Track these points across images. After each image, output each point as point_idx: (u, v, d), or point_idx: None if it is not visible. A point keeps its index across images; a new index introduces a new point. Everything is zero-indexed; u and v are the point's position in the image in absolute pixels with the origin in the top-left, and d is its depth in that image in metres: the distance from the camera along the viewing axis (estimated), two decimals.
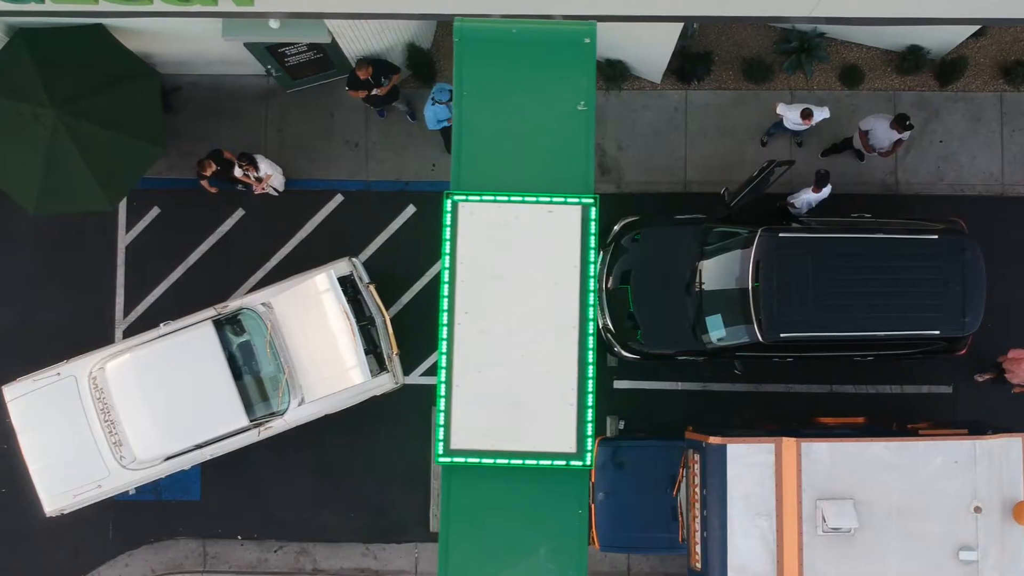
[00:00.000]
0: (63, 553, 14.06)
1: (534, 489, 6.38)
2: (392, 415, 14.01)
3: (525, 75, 6.65)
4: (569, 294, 6.18)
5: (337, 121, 14.37)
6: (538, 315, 6.15)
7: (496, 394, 6.10)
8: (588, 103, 6.59)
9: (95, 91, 11.98)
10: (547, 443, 6.12)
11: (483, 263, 6.18)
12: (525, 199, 6.38)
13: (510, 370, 6.12)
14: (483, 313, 6.15)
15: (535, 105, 6.62)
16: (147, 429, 12.57)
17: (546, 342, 6.14)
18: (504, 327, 6.13)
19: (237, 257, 14.27)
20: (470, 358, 6.13)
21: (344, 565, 14.05)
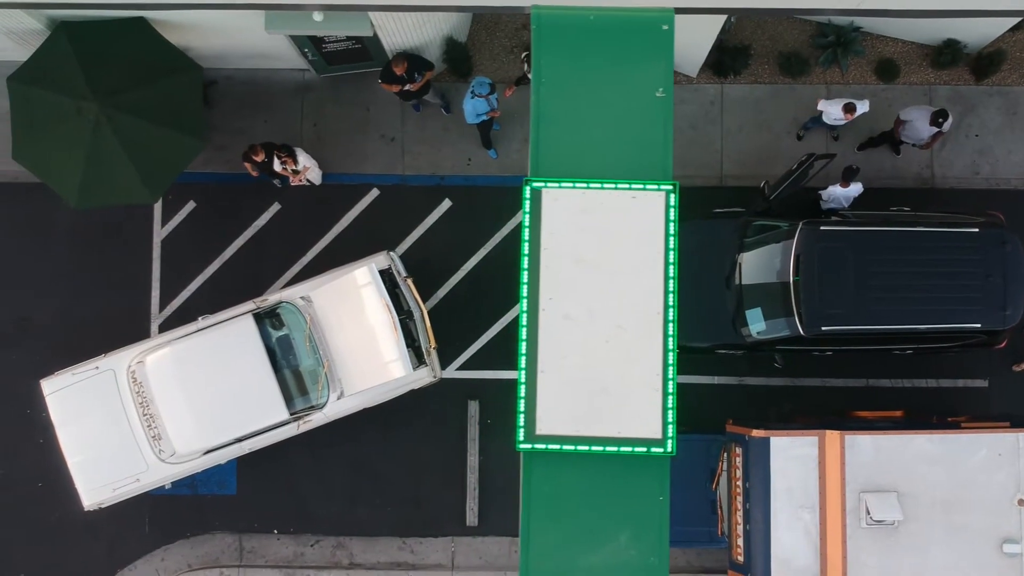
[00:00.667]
0: (100, 547, 14.05)
1: (615, 475, 6.38)
2: (428, 409, 14.01)
3: (602, 62, 6.65)
4: (654, 280, 6.17)
5: (373, 115, 14.37)
6: (623, 301, 6.14)
7: (581, 380, 6.10)
8: (666, 90, 6.59)
9: (137, 84, 11.95)
10: (632, 429, 6.12)
11: (567, 249, 6.17)
12: (604, 185, 6.37)
13: (595, 356, 6.12)
14: (567, 299, 6.14)
15: (613, 92, 6.62)
16: (187, 423, 12.54)
17: (631, 328, 6.14)
18: (588, 313, 6.12)
19: (273, 251, 14.26)
20: (555, 344, 6.12)
21: (380, 559, 14.05)
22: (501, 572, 13.97)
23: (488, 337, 14.24)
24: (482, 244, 14.29)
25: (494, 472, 14.01)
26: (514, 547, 14.00)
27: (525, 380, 6.43)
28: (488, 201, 14.29)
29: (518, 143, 14.32)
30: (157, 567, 14.08)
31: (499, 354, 14.18)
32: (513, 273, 13.89)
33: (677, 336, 6.24)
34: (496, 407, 14.10)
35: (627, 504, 6.35)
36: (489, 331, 14.24)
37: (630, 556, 6.28)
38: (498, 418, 14.10)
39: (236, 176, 14.13)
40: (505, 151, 14.32)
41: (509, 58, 14.36)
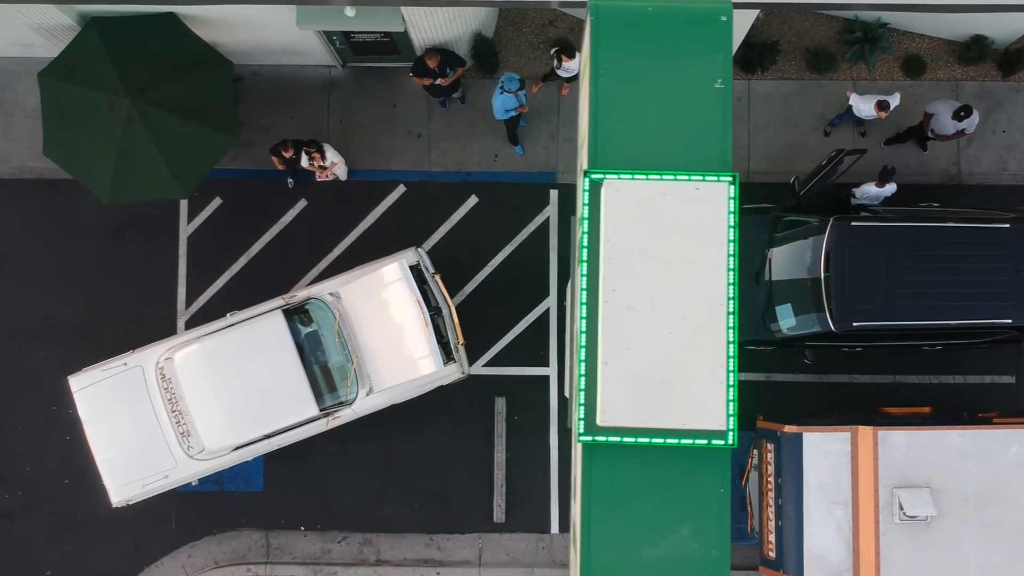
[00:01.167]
0: (126, 544, 14.03)
1: (675, 467, 6.36)
2: (455, 406, 13.99)
3: (660, 53, 6.64)
4: (717, 271, 6.16)
5: (399, 112, 14.35)
6: (686, 292, 6.13)
7: (645, 371, 6.08)
8: (725, 81, 6.58)
9: (168, 80, 11.93)
10: (697, 421, 6.10)
11: (630, 240, 6.15)
12: (663, 176, 6.36)
13: (659, 347, 6.10)
14: (631, 290, 6.12)
15: (671, 83, 6.60)
16: (216, 419, 12.50)
17: (694, 319, 6.12)
18: (651, 304, 6.10)
19: (299, 248, 14.25)
20: (618, 335, 6.09)
21: (407, 556, 14.03)
22: (528, 569, 13.96)
23: (515, 333, 14.22)
24: (509, 240, 14.27)
25: (521, 469, 14.00)
26: (541, 544, 14.00)
27: (585, 372, 6.40)
28: (515, 197, 14.28)
29: (544, 139, 14.31)
30: (183, 564, 14.06)
31: (526, 350, 14.17)
32: (540, 269, 14.12)
33: (738, 328, 6.23)
34: (523, 404, 14.09)
35: (688, 496, 6.33)
36: (516, 327, 14.22)
37: (692, 549, 6.26)
38: (525, 415, 14.08)
39: (262, 172, 14.13)
40: (532, 147, 14.30)
41: (535, 54, 14.35)
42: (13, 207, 14.27)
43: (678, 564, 6.33)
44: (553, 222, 14.27)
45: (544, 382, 14.15)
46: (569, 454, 13.83)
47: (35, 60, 14.13)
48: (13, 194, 14.28)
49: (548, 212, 14.29)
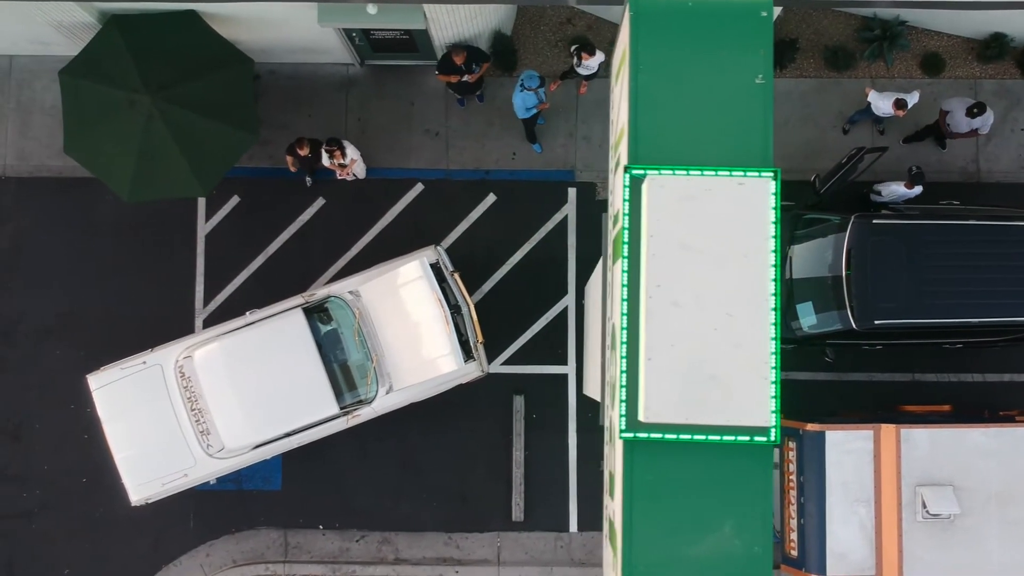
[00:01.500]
0: (144, 543, 14.01)
1: (717, 464, 6.34)
2: (473, 404, 13.97)
3: (700, 48, 6.62)
4: (761, 267, 6.14)
5: (417, 110, 14.33)
6: (731, 288, 6.11)
7: (690, 367, 6.05)
8: (766, 76, 6.57)
9: (189, 77, 11.91)
10: (741, 417, 6.08)
11: (674, 236, 6.13)
12: (704, 172, 6.34)
13: (703, 343, 6.08)
14: (675, 286, 6.10)
15: (711, 79, 6.59)
16: (236, 417, 12.47)
17: (739, 315, 6.10)
18: (696, 300, 6.08)
19: (317, 246, 14.22)
20: (662, 331, 6.07)
21: (426, 554, 14.01)
22: (547, 567, 13.94)
23: (533, 332, 14.20)
24: (527, 239, 14.25)
25: (540, 467, 13.98)
26: (560, 542, 13.98)
27: (626, 368, 6.38)
28: (533, 196, 14.26)
29: (563, 137, 14.29)
30: (202, 563, 14.04)
31: (544, 349, 14.15)
32: (558, 267, 14.09)
33: (780, 324, 6.21)
34: (541, 402, 14.06)
35: (730, 493, 6.31)
36: (534, 326, 14.20)
37: (734, 546, 6.24)
38: (543, 413, 14.06)
39: (280, 171, 14.10)
40: (550, 145, 14.28)
41: (553, 52, 14.33)
42: (31, 205, 14.25)
43: (720, 561, 6.31)
44: (571, 220, 14.25)
45: (562, 380, 14.13)
46: (589, 451, 13.82)
47: (53, 58, 14.16)
48: (31, 192, 14.26)
49: (566, 210, 14.28)
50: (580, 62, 12.88)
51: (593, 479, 13.93)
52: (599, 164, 14.25)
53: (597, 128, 14.25)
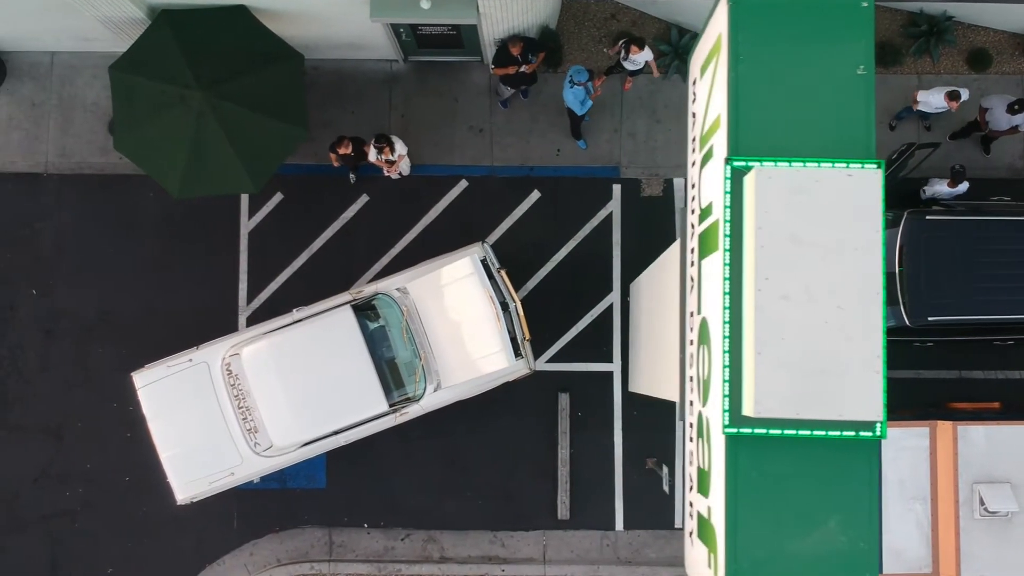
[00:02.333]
0: (187, 542, 13.93)
1: (822, 459, 6.28)
2: (518, 402, 13.89)
3: (800, 39, 6.55)
4: (871, 259, 6.07)
5: (461, 106, 14.25)
6: (841, 281, 6.03)
7: (800, 361, 5.98)
8: (867, 67, 6.50)
9: (240, 73, 11.82)
10: (852, 412, 6.01)
11: (782, 228, 6.05)
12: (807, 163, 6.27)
13: (814, 337, 6.01)
14: (784, 279, 6.02)
15: (812, 69, 6.52)
16: (285, 415, 12.38)
17: (850, 308, 6.03)
18: (807, 293, 6.01)
19: (361, 244, 14.14)
20: (772, 325, 6.00)
21: (471, 553, 13.93)
22: (593, 566, 13.86)
23: (578, 329, 14.13)
24: (572, 235, 14.18)
25: (585, 465, 13.91)
26: (606, 541, 13.90)
27: (729, 363, 6.31)
28: (577, 192, 14.19)
29: (608, 133, 14.21)
30: (245, 562, 13.96)
31: (589, 346, 14.07)
32: (603, 264, 14.02)
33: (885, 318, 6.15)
34: (587, 400, 13.99)
35: (836, 488, 6.25)
36: (579, 323, 14.13)
37: (840, 542, 6.17)
38: (589, 411, 13.98)
39: (324, 168, 14.03)
40: (595, 142, 14.21)
41: (597, 48, 14.26)
42: (73, 203, 14.17)
43: (826, 557, 6.24)
44: (616, 217, 14.18)
45: (608, 378, 14.06)
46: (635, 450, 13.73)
47: (95, 55, 14.11)
48: (73, 189, 14.18)
49: (611, 207, 14.20)
50: (627, 55, 12.80)
51: (639, 477, 13.87)
52: (644, 160, 14.18)
53: (641, 124, 14.18)
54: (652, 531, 13.87)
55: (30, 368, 14.04)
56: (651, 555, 13.87)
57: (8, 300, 14.09)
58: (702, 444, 7.17)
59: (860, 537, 6.20)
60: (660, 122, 14.15)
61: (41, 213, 14.15)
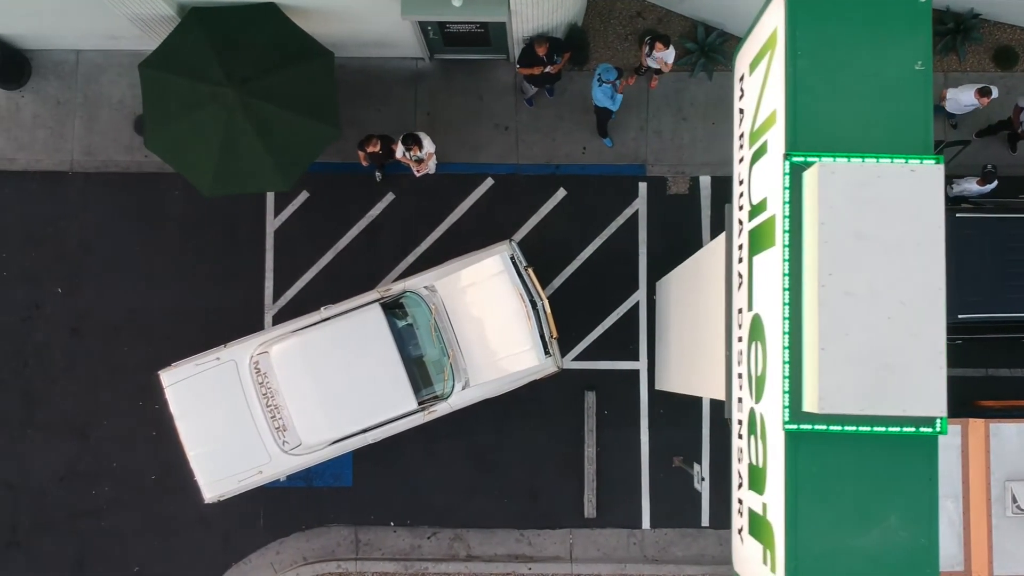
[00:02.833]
0: (213, 540, 13.91)
1: (882, 455, 6.28)
2: (544, 400, 13.89)
3: (858, 34, 6.55)
4: (934, 256, 6.06)
5: (486, 104, 14.24)
6: (904, 276, 6.03)
7: (864, 357, 5.98)
8: (925, 63, 6.50)
9: (271, 71, 11.78)
10: (915, 407, 6.01)
11: (845, 224, 6.05)
12: (865, 159, 6.26)
13: (878, 332, 6.00)
14: (847, 275, 6.02)
15: (869, 65, 6.51)
16: (314, 413, 12.36)
17: (913, 304, 6.02)
18: (869, 289, 6.01)
19: (387, 242, 14.13)
20: (836, 320, 5.99)
21: (498, 551, 13.92)
22: (620, 564, 13.85)
23: (604, 327, 14.12)
24: (597, 234, 14.17)
25: (612, 464, 13.90)
26: (633, 539, 13.89)
27: (789, 359, 6.30)
28: (603, 190, 14.18)
29: (634, 132, 14.20)
30: (272, 560, 13.95)
31: (615, 345, 14.06)
32: (629, 262, 14.00)
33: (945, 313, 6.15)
34: (613, 398, 13.98)
35: (896, 484, 6.25)
36: (605, 321, 14.12)
37: (900, 538, 6.17)
38: (615, 409, 13.97)
39: (349, 166, 14.01)
40: (621, 140, 14.20)
41: (623, 46, 14.24)
42: (99, 201, 14.15)
43: (886, 552, 6.24)
44: (642, 215, 14.17)
45: (634, 376, 14.05)
46: (662, 448, 13.72)
47: (121, 53, 14.10)
48: (98, 188, 14.17)
49: (637, 205, 14.19)
50: (652, 52, 12.80)
51: (666, 476, 13.86)
52: (670, 158, 14.17)
53: (667, 122, 14.17)
54: (679, 529, 13.87)
55: (56, 367, 14.03)
56: (678, 553, 13.87)
57: (34, 299, 14.07)
58: (755, 441, 7.16)
59: (921, 533, 6.20)
60: (686, 120, 14.14)
61: (66, 212, 14.14)
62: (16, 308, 14.05)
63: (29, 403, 13.98)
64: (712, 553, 13.81)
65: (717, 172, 14.10)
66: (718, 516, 13.80)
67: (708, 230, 14.07)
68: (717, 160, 14.09)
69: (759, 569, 6.93)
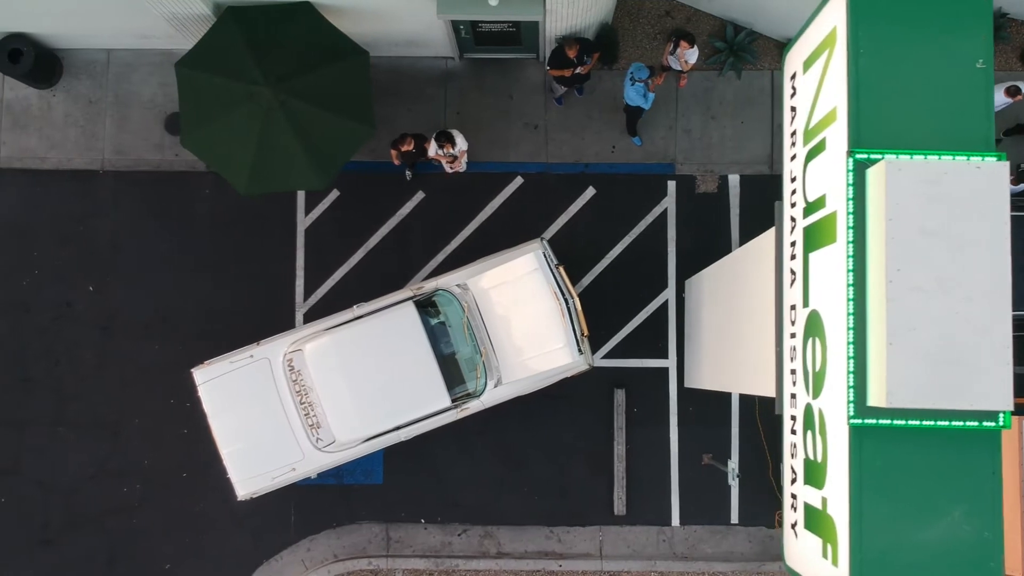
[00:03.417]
0: (244, 538, 13.96)
1: (946, 449, 6.34)
2: (574, 398, 13.94)
3: (919, 32, 6.61)
4: (1000, 252, 6.14)
5: (516, 103, 14.29)
6: (970, 272, 6.10)
7: (931, 352, 6.04)
8: (986, 61, 6.56)
9: (308, 69, 11.83)
10: (982, 401, 6.07)
11: (913, 220, 6.12)
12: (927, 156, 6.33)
13: (944, 327, 6.07)
14: (916, 270, 6.09)
15: (930, 63, 6.57)
16: (348, 410, 12.40)
17: (980, 300, 6.09)
18: (937, 284, 6.08)
19: (417, 240, 14.19)
20: (904, 316, 6.06)
21: (528, 548, 13.98)
22: (650, 561, 13.90)
23: (633, 325, 14.18)
24: (626, 232, 14.23)
25: (641, 461, 13.96)
26: (662, 536, 13.95)
27: (854, 355, 6.37)
28: (632, 189, 14.24)
29: (663, 130, 14.26)
30: (303, 558, 14.00)
31: (645, 342, 14.12)
32: (658, 260, 14.06)
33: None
34: (642, 396, 14.04)
35: (960, 478, 6.31)
36: (635, 319, 14.18)
37: (964, 531, 6.23)
38: (644, 407, 14.03)
39: (380, 165, 14.08)
40: (650, 138, 14.26)
41: (652, 45, 14.30)
42: (130, 200, 14.20)
43: (950, 546, 6.30)
44: (671, 213, 14.22)
45: (663, 374, 14.11)
46: (691, 445, 13.77)
47: (152, 52, 14.16)
48: (129, 187, 14.22)
49: (666, 203, 14.25)
50: (676, 49, 12.88)
51: (695, 473, 13.92)
52: (699, 157, 14.23)
53: (697, 121, 14.23)
54: (708, 526, 13.92)
55: (87, 365, 14.08)
56: (707, 550, 13.92)
57: (64, 297, 14.12)
58: (812, 436, 7.21)
59: (985, 527, 6.26)
60: (715, 119, 14.20)
61: (97, 210, 14.19)
62: (47, 306, 14.10)
63: (60, 401, 14.03)
64: (741, 550, 13.88)
65: (746, 171, 14.16)
66: (747, 513, 13.86)
67: (737, 228, 14.14)
68: (746, 159, 14.16)
69: (818, 563, 6.99)
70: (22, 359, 14.02)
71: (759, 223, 13.71)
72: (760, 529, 13.84)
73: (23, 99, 14.22)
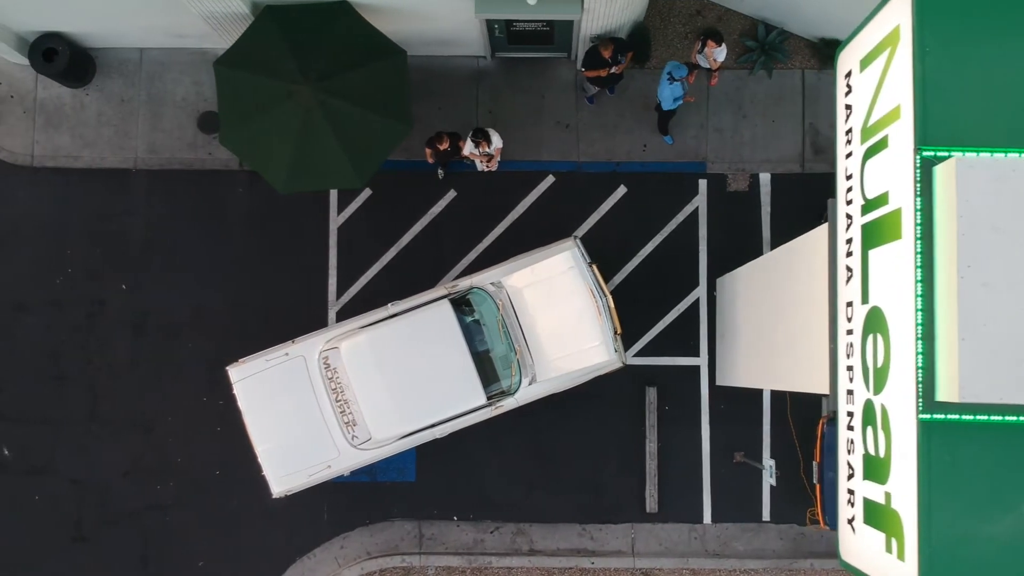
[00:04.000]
0: (278, 535, 14.02)
1: (1013, 443, 6.39)
2: (606, 396, 14.00)
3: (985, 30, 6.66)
4: None
5: (548, 102, 14.35)
6: None
7: (1003, 347, 6.10)
8: None
9: (346, 68, 11.88)
10: None
11: (983, 217, 6.17)
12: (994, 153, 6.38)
13: (1015, 323, 6.13)
14: (986, 267, 6.15)
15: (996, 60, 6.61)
16: (384, 408, 12.44)
17: None
18: (1007, 280, 6.13)
19: (449, 239, 14.24)
20: (975, 312, 6.12)
21: (561, 545, 14.03)
22: (682, 559, 13.96)
23: (665, 324, 14.23)
24: (658, 231, 14.28)
25: (673, 459, 14.02)
26: (694, 534, 14.00)
27: (923, 350, 6.42)
28: (664, 188, 14.29)
29: (694, 129, 14.31)
30: (336, 555, 14.05)
31: (676, 340, 14.17)
32: (689, 258, 14.12)
33: None
34: (674, 394, 14.09)
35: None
36: (666, 318, 14.24)
37: None
38: (676, 405, 14.09)
39: (412, 163, 14.13)
40: (681, 137, 14.31)
41: (683, 44, 14.35)
42: (163, 198, 14.26)
43: (1019, 540, 6.35)
44: (702, 212, 14.28)
45: (695, 372, 14.16)
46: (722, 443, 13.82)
47: (185, 51, 14.22)
48: (162, 185, 14.27)
49: (697, 202, 14.30)
50: (703, 48, 12.94)
51: (727, 470, 13.97)
52: (730, 155, 14.28)
53: (728, 119, 14.28)
54: (740, 524, 13.98)
55: (119, 363, 14.14)
56: (739, 548, 13.98)
57: (97, 295, 14.17)
58: (872, 431, 7.26)
59: None
60: (746, 117, 14.25)
61: (130, 209, 14.25)
62: (80, 305, 14.15)
63: (93, 399, 14.09)
64: (773, 547, 13.94)
65: (777, 169, 14.21)
66: (779, 510, 13.91)
67: (768, 227, 14.19)
68: (777, 157, 14.21)
69: (881, 558, 7.04)
70: (55, 357, 14.08)
71: (790, 221, 13.73)
72: (792, 526, 13.88)
73: (56, 98, 14.27)
